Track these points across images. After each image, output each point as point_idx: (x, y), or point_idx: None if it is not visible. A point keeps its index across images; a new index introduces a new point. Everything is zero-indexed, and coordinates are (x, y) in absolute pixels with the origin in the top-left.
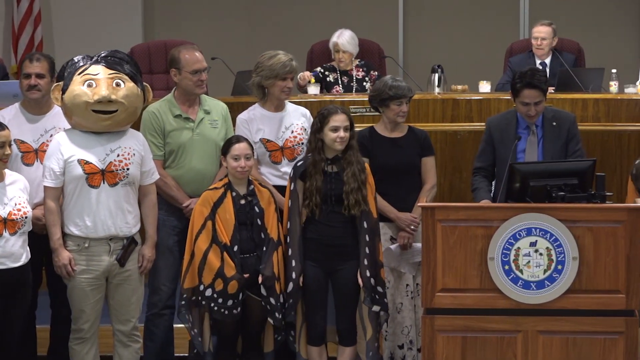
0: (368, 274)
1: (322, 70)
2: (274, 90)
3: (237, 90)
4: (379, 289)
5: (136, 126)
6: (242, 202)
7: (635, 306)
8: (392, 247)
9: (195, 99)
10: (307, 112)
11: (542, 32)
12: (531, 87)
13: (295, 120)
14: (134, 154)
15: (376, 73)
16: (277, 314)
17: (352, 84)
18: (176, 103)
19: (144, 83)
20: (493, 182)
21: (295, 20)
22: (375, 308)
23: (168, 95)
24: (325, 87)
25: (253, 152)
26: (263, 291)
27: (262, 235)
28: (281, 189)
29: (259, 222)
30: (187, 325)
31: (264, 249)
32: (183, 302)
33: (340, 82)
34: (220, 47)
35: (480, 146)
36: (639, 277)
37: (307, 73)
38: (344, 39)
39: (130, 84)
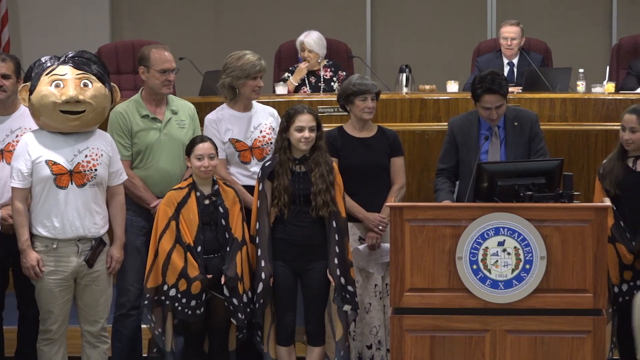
0: (338, 272)
1: (289, 75)
2: (245, 90)
3: (205, 91)
4: (350, 288)
5: (104, 126)
6: (206, 202)
7: (602, 305)
8: (361, 247)
9: (162, 99)
10: (275, 111)
11: (511, 32)
12: (491, 92)
13: (264, 120)
14: (101, 155)
15: (344, 73)
16: (240, 315)
17: (319, 84)
18: (143, 103)
19: (112, 83)
20: (457, 183)
21: (263, 20)
22: (347, 307)
23: (135, 95)
24: (296, 88)
25: (217, 152)
26: (226, 292)
27: (226, 235)
28: (251, 189)
29: (223, 222)
30: (150, 324)
31: (228, 249)
32: (146, 302)
33: (307, 82)
34: (187, 47)
35: (443, 147)
36: (606, 276)
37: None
38: (311, 38)
39: (98, 84)
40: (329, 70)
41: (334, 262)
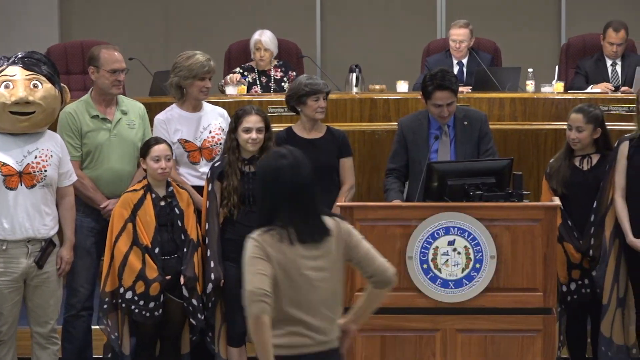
0: None
1: (240, 71)
2: (193, 90)
3: (155, 91)
4: None
5: (53, 127)
6: (162, 203)
7: (552, 304)
8: None
9: (112, 99)
10: (225, 112)
11: (460, 35)
12: (442, 89)
13: (213, 120)
14: (51, 156)
15: (294, 73)
16: (199, 315)
17: (270, 84)
18: (93, 104)
19: (62, 84)
20: (406, 183)
21: (212, 20)
22: None
23: (85, 96)
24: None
25: (172, 153)
26: (185, 292)
27: (183, 237)
28: (200, 189)
29: (179, 224)
30: (107, 329)
31: (185, 250)
32: (105, 306)
33: (258, 82)
34: (137, 47)
35: (393, 147)
36: (555, 275)
37: (237, 76)
38: (266, 36)
39: (48, 85)
40: (279, 70)
41: None
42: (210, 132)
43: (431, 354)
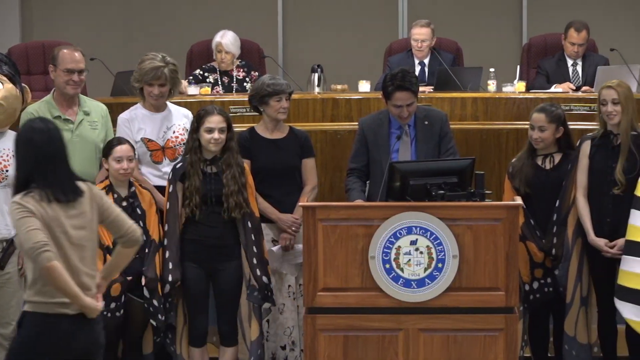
0: (259, 272)
1: (201, 72)
2: (145, 93)
3: (117, 91)
4: (271, 286)
5: (15, 128)
6: (124, 204)
7: (514, 303)
8: (274, 248)
9: (74, 100)
10: (189, 113)
11: (422, 34)
12: (402, 90)
13: (177, 120)
14: (13, 156)
15: (257, 73)
16: (160, 316)
17: (232, 84)
18: (55, 104)
19: (23, 84)
20: (367, 182)
21: (174, 20)
22: (266, 305)
23: (47, 96)
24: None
25: (135, 154)
26: (146, 293)
27: (144, 237)
28: (162, 189)
29: (141, 224)
30: None
31: (146, 250)
32: None
33: (220, 82)
34: (99, 47)
35: (354, 147)
36: (518, 274)
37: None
38: (227, 39)
39: (9, 85)
40: (241, 70)
41: (253, 262)
42: (174, 132)
43: (394, 354)
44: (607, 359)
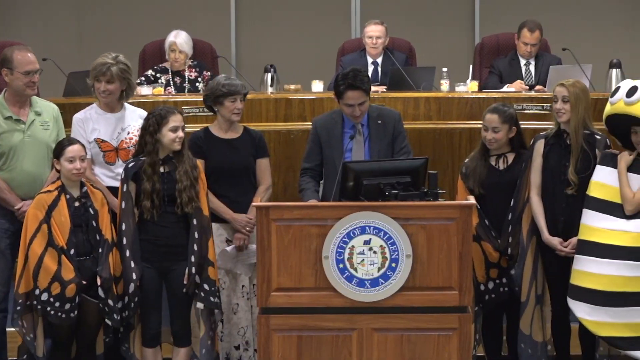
0: (194, 271)
1: (153, 73)
2: (95, 91)
3: (69, 92)
4: (205, 286)
5: None
6: (77, 204)
7: (468, 302)
8: (228, 248)
9: (25, 100)
10: (145, 113)
11: (376, 31)
12: (354, 89)
13: (133, 121)
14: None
15: (209, 73)
16: (115, 316)
17: (184, 84)
18: (6, 105)
19: None
20: (321, 182)
21: (127, 20)
22: (199, 305)
23: None
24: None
25: (86, 153)
26: (101, 293)
27: (98, 237)
28: (114, 190)
29: (94, 224)
30: (21, 330)
31: (100, 250)
32: (18, 308)
33: (172, 83)
34: (51, 48)
35: (307, 146)
36: (471, 273)
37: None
38: (181, 38)
39: None
40: (194, 70)
41: (191, 260)
42: (128, 133)
43: (348, 354)
44: (561, 357)
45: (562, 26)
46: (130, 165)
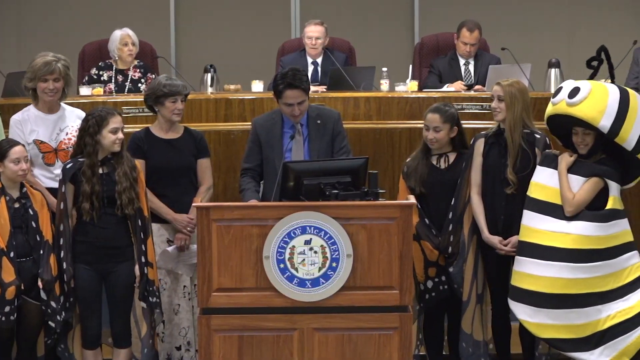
0: (145, 270)
1: (96, 71)
2: (39, 91)
3: (8, 92)
4: (148, 286)
5: None
6: (16, 205)
7: (408, 302)
8: (169, 248)
9: None
10: (83, 114)
11: (315, 31)
12: (293, 88)
13: (71, 122)
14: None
15: (153, 76)
16: (58, 317)
17: (126, 83)
18: None
19: None
20: (262, 182)
21: (66, 20)
22: (143, 305)
23: None
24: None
25: (27, 154)
26: (43, 295)
27: (38, 238)
28: (54, 191)
29: (34, 225)
30: None
31: (41, 252)
32: None
33: (114, 80)
34: None
35: (247, 147)
36: (412, 273)
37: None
38: (131, 32)
39: None
40: (138, 71)
41: (141, 260)
42: (67, 133)
43: (289, 354)
44: (502, 356)
45: (501, 26)
46: (68, 166)
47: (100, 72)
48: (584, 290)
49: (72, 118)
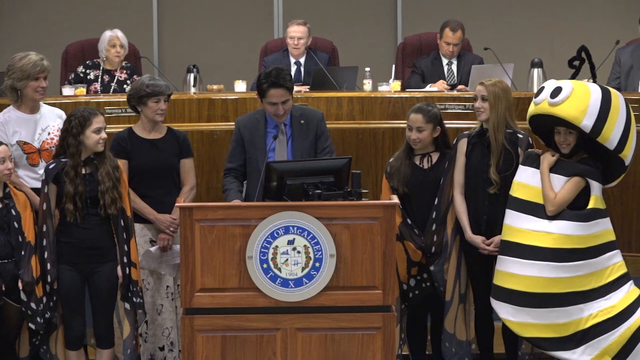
0: (127, 271)
1: (83, 70)
2: (28, 91)
3: None
4: (131, 287)
5: None
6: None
7: (392, 302)
8: (152, 249)
9: None
10: (63, 113)
11: (298, 31)
12: (277, 87)
13: (51, 122)
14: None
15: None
16: (38, 319)
17: (112, 83)
18: None
19: None
20: (245, 182)
21: (48, 20)
22: (126, 305)
23: None
24: (87, 85)
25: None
26: (23, 297)
27: (20, 239)
28: (39, 192)
29: (16, 226)
30: None
31: (22, 253)
32: None
33: (100, 79)
34: None
35: (231, 147)
36: (395, 272)
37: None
38: (120, 33)
39: None
40: (125, 72)
41: (123, 261)
42: (49, 133)
43: (272, 354)
44: (484, 355)
45: (484, 26)
46: (50, 166)
47: (87, 71)
48: (565, 289)
49: (53, 117)
